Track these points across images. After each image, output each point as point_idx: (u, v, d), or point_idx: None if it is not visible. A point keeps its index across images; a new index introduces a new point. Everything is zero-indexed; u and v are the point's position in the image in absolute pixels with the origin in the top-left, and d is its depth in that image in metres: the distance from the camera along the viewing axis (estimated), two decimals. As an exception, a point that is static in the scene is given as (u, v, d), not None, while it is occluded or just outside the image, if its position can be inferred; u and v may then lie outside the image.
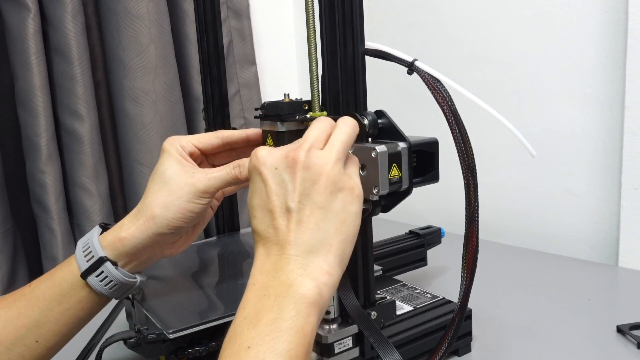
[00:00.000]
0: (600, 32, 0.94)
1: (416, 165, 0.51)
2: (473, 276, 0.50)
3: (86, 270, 0.52)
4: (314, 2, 0.53)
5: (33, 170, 1.03)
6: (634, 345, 0.66)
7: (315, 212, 0.42)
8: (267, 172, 0.43)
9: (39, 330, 0.52)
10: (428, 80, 0.50)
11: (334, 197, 0.43)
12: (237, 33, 1.31)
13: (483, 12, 1.09)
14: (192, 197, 0.53)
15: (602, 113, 0.96)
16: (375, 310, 0.56)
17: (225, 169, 0.54)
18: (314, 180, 0.43)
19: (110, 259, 0.53)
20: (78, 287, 0.53)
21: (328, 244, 0.42)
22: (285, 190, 0.43)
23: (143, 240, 0.53)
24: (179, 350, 0.55)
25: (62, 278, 0.53)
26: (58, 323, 0.52)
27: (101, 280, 0.52)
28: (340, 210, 0.43)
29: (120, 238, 0.53)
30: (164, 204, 0.53)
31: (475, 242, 0.50)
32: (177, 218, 0.53)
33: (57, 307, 0.52)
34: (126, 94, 1.10)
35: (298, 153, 0.43)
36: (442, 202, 1.18)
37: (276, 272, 0.41)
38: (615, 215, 0.96)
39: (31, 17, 0.98)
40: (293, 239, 0.42)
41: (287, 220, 0.42)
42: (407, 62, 0.52)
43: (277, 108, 0.56)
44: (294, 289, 0.40)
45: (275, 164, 0.43)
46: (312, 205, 0.42)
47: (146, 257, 0.55)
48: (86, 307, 0.53)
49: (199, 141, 0.57)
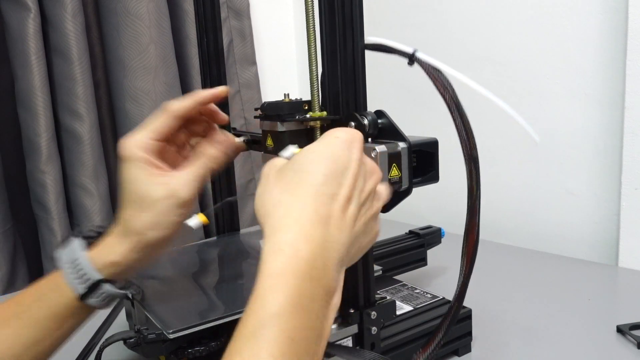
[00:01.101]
0: (600, 32, 0.94)
1: (416, 165, 0.51)
2: (472, 265, 0.50)
3: (85, 293, 0.51)
4: (314, 2, 0.53)
5: (33, 170, 1.03)
6: (634, 345, 0.66)
7: (365, 220, 0.43)
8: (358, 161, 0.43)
9: (36, 348, 0.51)
10: (429, 70, 0.50)
11: (374, 226, 0.45)
12: (237, 33, 1.31)
13: (483, 12, 1.09)
14: (175, 210, 0.50)
15: (602, 113, 0.96)
16: (375, 310, 0.56)
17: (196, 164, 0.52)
18: (376, 205, 0.45)
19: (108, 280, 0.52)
20: (76, 307, 0.51)
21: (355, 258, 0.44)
22: (358, 185, 0.42)
23: (137, 258, 0.51)
24: (179, 350, 0.55)
25: (56, 301, 0.51)
26: (56, 338, 0.52)
27: (101, 300, 0.52)
28: (367, 243, 0.45)
29: (114, 263, 0.51)
30: (151, 225, 0.50)
31: (476, 232, 0.49)
32: (167, 235, 0.51)
33: (54, 325, 0.51)
34: (126, 94, 1.10)
35: (380, 174, 0.45)
36: (442, 202, 1.18)
37: (324, 260, 0.39)
38: (615, 215, 0.96)
39: (31, 17, 0.98)
40: (350, 224, 0.41)
41: (349, 205, 0.41)
42: (408, 53, 0.51)
43: (277, 108, 0.56)
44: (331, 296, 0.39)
45: (364, 161, 0.44)
46: (367, 215, 0.43)
47: (139, 267, 0.54)
48: (80, 319, 0.53)
49: (154, 131, 0.52)
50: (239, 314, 0.56)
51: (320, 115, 0.54)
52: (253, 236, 0.85)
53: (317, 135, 0.55)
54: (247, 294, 0.64)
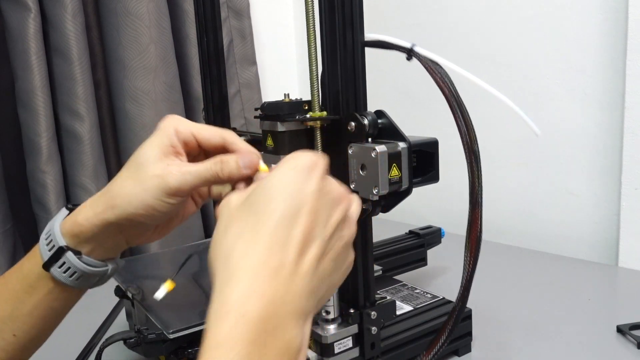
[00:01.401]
0: (600, 32, 0.94)
1: (416, 165, 0.51)
2: (477, 258, 0.49)
3: (47, 261, 0.47)
4: (314, 2, 0.53)
5: (33, 170, 1.03)
6: (634, 345, 0.66)
7: (333, 255, 0.39)
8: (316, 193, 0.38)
9: (14, 324, 0.49)
10: (428, 65, 0.50)
11: (347, 256, 0.41)
12: (237, 33, 1.31)
13: (483, 12, 1.09)
14: (159, 194, 0.45)
15: (602, 113, 0.96)
16: (375, 310, 0.56)
17: (204, 164, 0.46)
18: (347, 234, 0.40)
19: (71, 248, 0.47)
20: (44, 278, 0.48)
21: (324, 300, 0.40)
22: (320, 219, 0.38)
23: (101, 227, 0.47)
24: (179, 350, 0.55)
25: (29, 269, 0.49)
26: (32, 316, 0.49)
27: (64, 271, 0.47)
28: (340, 278, 0.41)
29: (77, 223, 0.47)
30: (127, 194, 0.46)
31: (478, 226, 0.49)
32: (138, 213, 0.46)
33: (29, 299, 0.48)
34: (126, 94, 1.10)
35: (349, 198, 0.41)
36: (442, 202, 1.18)
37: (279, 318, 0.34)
38: (615, 215, 0.96)
39: (31, 17, 0.98)
40: (310, 270, 0.37)
41: (307, 248, 0.37)
42: (406, 48, 0.51)
43: (277, 108, 0.56)
44: (294, 354, 0.35)
45: (327, 189, 0.39)
46: (335, 249, 0.39)
47: (111, 244, 0.49)
48: (58, 298, 0.49)
49: (199, 132, 0.49)
50: (239, 314, 0.56)
51: (320, 115, 0.54)
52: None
53: (317, 135, 0.55)
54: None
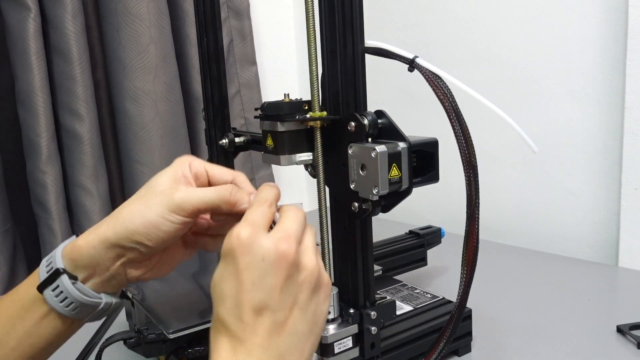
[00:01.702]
0: (600, 32, 0.94)
1: (416, 165, 0.51)
2: (473, 273, 0.50)
3: (42, 282, 0.45)
4: (314, 2, 0.53)
5: (33, 170, 1.03)
6: (634, 345, 0.66)
7: (295, 313, 0.39)
8: (250, 261, 0.38)
9: (2, 349, 0.46)
10: (429, 76, 0.50)
11: (313, 297, 0.41)
12: (237, 33, 1.31)
13: (483, 12, 1.09)
14: (162, 211, 0.44)
15: (602, 113, 0.96)
16: (375, 310, 0.56)
17: (214, 187, 0.46)
18: (298, 279, 0.39)
19: (67, 272, 0.45)
20: (39, 302, 0.45)
21: (301, 349, 0.39)
22: (266, 285, 0.38)
23: (100, 250, 0.45)
24: (179, 350, 0.55)
25: (25, 291, 0.47)
26: (22, 342, 0.46)
27: (56, 295, 0.45)
28: (314, 310, 0.41)
29: (76, 246, 0.45)
30: (130, 212, 0.45)
31: (475, 239, 0.50)
32: (139, 232, 0.44)
33: (20, 323, 0.46)
34: (126, 94, 1.10)
35: (291, 246, 0.39)
36: (442, 202, 1.18)
37: None
38: (615, 215, 0.96)
39: (31, 17, 0.98)
40: (266, 343, 0.37)
41: (261, 320, 0.38)
42: (408, 59, 0.52)
43: (277, 108, 0.56)
44: None
45: (263, 253, 0.38)
46: (293, 305, 0.39)
47: (107, 274, 0.46)
48: (51, 328, 0.46)
49: (212, 168, 0.49)
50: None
51: (320, 115, 0.54)
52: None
53: (317, 135, 0.55)
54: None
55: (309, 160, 0.57)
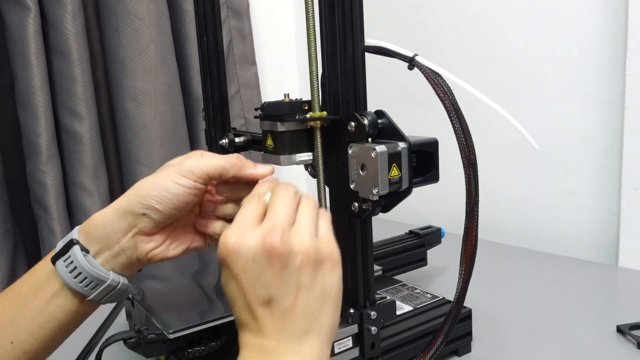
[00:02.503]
0: (600, 32, 0.94)
1: (416, 165, 0.51)
2: (471, 271, 0.50)
3: (56, 253, 0.47)
4: (314, 2, 0.53)
5: (33, 170, 1.03)
6: (634, 345, 0.66)
7: (301, 296, 0.40)
8: (243, 265, 0.40)
9: (13, 329, 0.47)
10: (429, 75, 0.50)
11: (316, 274, 0.41)
12: (237, 33, 1.31)
13: (483, 12, 1.09)
14: (173, 175, 0.47)
15: (602, 113, 0.96)
16: (375, 310, 0.56)
17: (222, 156, 0.49)
18: (294, 265, 0.40)
19: (80, 243, 0.47)
20: (51, 277, 0.47)
21: (318, 324, 0.41)
22: (264, 281, 0.40)
23: (113, 219, 0.47)
24: (179, 350, 0.55)
25: (39, 267, 0.48)
26: (33, 322, 0.47)
27: (67, 266, 0.46)
28: (322, 286, 0.42)
29: (92, 218, 0.48)
30: (143, 181, 0.48)
31: (474, 237, 0.50)
32: (150, 195, 0.47)
33: (33, 300, 0.47)
34: (126, 94, 1.10)
35: (274, 239, 0.40)
36: (442, 202, 1.18)
37: (267, 355, 0.39)
38: (615, 215, 0.96)
39: (31, 17, 0.98)
40: (282, 326, 0.40)
41: (270, 311, 0.40)
42: (408, 57, 0.52)
43: (277, 108, 0.56)
44: None
45: (252, 255, 0.40)
46: (297, 289, 0.40)
47: (118, 247, 0.48)
48: (61, 305, 0.47)
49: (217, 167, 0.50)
50: (239, 314, 0.56)
51: (320, 115, 0.54)
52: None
53: (317, 135, 0.55)
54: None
55: (309, 160, 0.57)
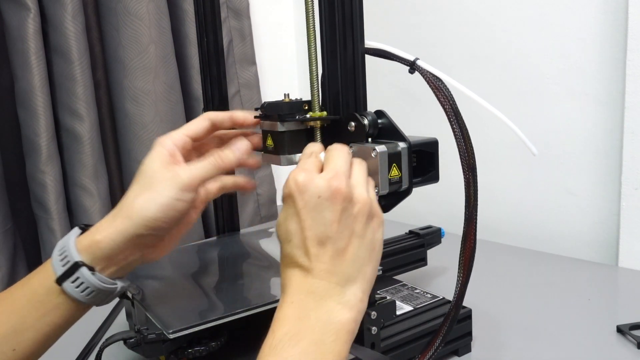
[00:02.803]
0: (600, 32, 0.94)
1: (416, 165, 0.51)
2: (469, 274, 0.51)
3: (61, 275, 0.49)
4: (314, 2, 0.53)
5: (33, 170, 1.03)
6: (634, 345, 0.66)
7: (354, 242, 0.43)
8: (308, 200, 0.43)
9: (16, 338, 0.49)
10: (430, 79, 0.50)
11: (368, 226, 0.45)
12: (237, 33, 1.31)
13: (483, 12, 1.09)
14: (175, 192, 0.49)
15: (602, 113, 0.96)
16: (375, 310, 0.56)
17: (206, 159, 0.53)
18: (353, 211, 0.43)
19: (86, 264, 0.49)
20: (54, 293, 0.49)
21: (363, 272, 0.44)
22: (324, 219, 0.43)
23: (120, 242, 0.49)
24: (179, 350, 0.55)
25: (38, 284, 0.50)
26: (36, 330, 0.50)
27: (77, 286, 0.49)
28: (372, 238, 0.45)
29: (96, 241, 0.49)
30: (144, 201, 0.49)
31: (472, 241, 0.50)
32: (156, 217, 0.49)
33: (34, 313, 0.49)
34: (126, 94, 1.10)
35: (341, 183, 0.43)
36: (442, 202, 1.18)
37: (316, 296, 0.42)
38: (615, 215, 0.96)
39: (31, 17, 0.98)
40: (332, 268, 0.43)
41: (324, 250, 0.43)
42: (409, 61, 0.52)
43: (277, 108, 0.56)
44: (335, 315, 0.42)
45: (318, 192, 0.43)
46: (351, 235, 0.43)
47: (125, 262, 0.51)
48: (64, 314, 0.50)
49: (188, 129, 0.55)
50: (238, 314, 0.56)
51: (320, 115, 0.54)
52: (253, 236, 0.85)
53: (317, 135, 0.55)
54: (247, 294, 0.64)
55: (309, 160, 0.56)
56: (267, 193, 1.36)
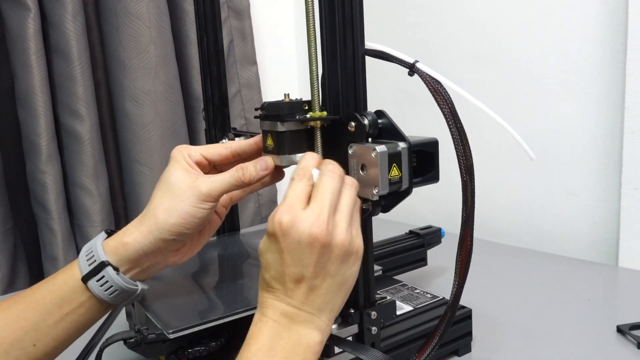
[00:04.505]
0: (601, 32, 0.94)
1: (416, 165, 0.51)
2: (465, 277, 0.51)
3: (87, 274, 0.52)
4: (314, 2, 0.53)
5: (33, 170, 1.03)
6: (634, 345, 0.66)
7: (327, 280, 0.47)
8: (288, 244, 0.45)
9: (37, 334, 0.51)
10: (429, 81, 0.50)
11: (343, 264, 0.47)
12: (237, 33, 1.31)
13: (483, 12, 1.09)
14: (195, 201, 0.52)
15: (602, 113, 0.96)
16: (375, 311, 0.56)
17: (228, 172, 0.54)
18: (330, 255, 0.46)
19: (112, 264, 0.52)
20: (79, 291, 0.52)
21: (333, 303, 0.48)
22: (302, 262, 0.45)
23: (145, 246, 0.52)
24: (179, 350, 0.55)
25: (63, 282, 0.53)
26: (57, 327, 0.52)
27: (101, 285, 0.52)
28: (344, 274, 0.48)
29: (123, 243, 0.53)
30: (167, 208, 0.52)
31: (469, 243, 0.50)
32: (179, 223, 0.52)
33: (57, 310, 0.52)
34: (126, 94, 1.10)
35: (322, 230, 0.45)
36: (442, 202, 1.18)
37: (289, 319, 0.46)
38: (615, 215, 0.96)
39: (31, 17, 0.98)
40: (305, 300, 0.46)
41: (299, 286, 0.46)
42: (408, 63, 0.52)
43: (277, 108, 0.56)
44: (304, 338, 0.46)
45: (299, 238, 0.45)
46: (325, 275, 0.46)
47: (149, 265, 0.54)
48: (86, 313, 0.53)
49: (207, 151, 0.57)
50: (238, 314, 0.56)
51: (320, 115, 0.54)
52: (253, 236, 0.85)
53: (317, 135, 0.55)
54: (247, 294, 0.64)
55: (309, 160, 0.56)
56: (267, 193, 1.36)
